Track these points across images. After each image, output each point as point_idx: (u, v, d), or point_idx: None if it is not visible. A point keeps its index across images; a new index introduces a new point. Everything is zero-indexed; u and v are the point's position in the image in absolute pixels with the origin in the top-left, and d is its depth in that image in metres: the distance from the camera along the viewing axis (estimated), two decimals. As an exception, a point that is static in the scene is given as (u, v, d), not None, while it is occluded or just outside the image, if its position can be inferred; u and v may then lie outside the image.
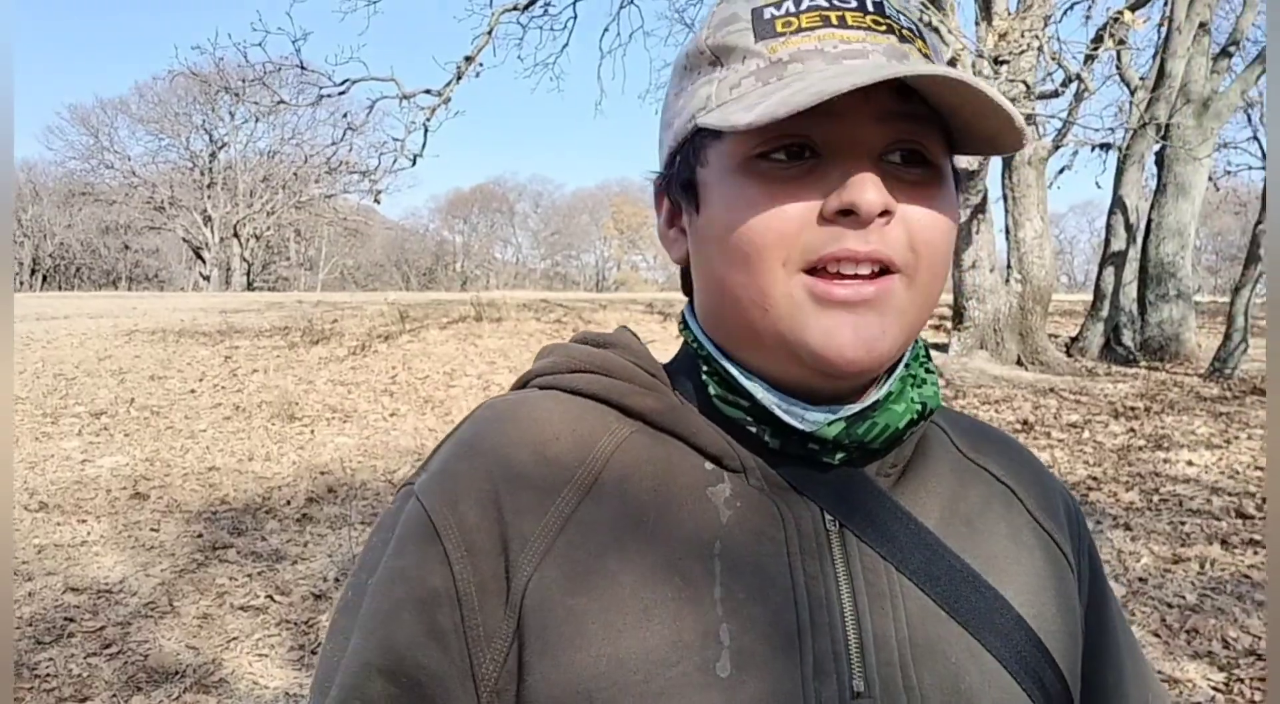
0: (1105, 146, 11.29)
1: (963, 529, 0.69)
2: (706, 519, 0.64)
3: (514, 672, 0.60)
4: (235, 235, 39.18)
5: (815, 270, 0.61)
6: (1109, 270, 11.03)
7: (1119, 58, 12.12)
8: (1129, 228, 11.01)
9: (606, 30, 11.80)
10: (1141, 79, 11.88)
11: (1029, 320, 10.13)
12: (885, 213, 0.60)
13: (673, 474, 0.66)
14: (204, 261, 39.40)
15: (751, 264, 0.62)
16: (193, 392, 8.72)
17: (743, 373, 0.67)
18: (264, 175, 39.63)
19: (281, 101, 12.23)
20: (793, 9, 0.64)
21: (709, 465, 0.67)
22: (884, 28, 0.63)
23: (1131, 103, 11.36)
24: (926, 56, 0.64)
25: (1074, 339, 11.29)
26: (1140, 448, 6.70)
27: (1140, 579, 4.24)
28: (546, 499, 0.63)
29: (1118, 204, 11.08)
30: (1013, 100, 8.77)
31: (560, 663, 0.59)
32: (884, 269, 0.62)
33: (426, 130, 10.40)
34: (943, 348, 10.37)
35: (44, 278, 39.63)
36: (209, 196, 39.02)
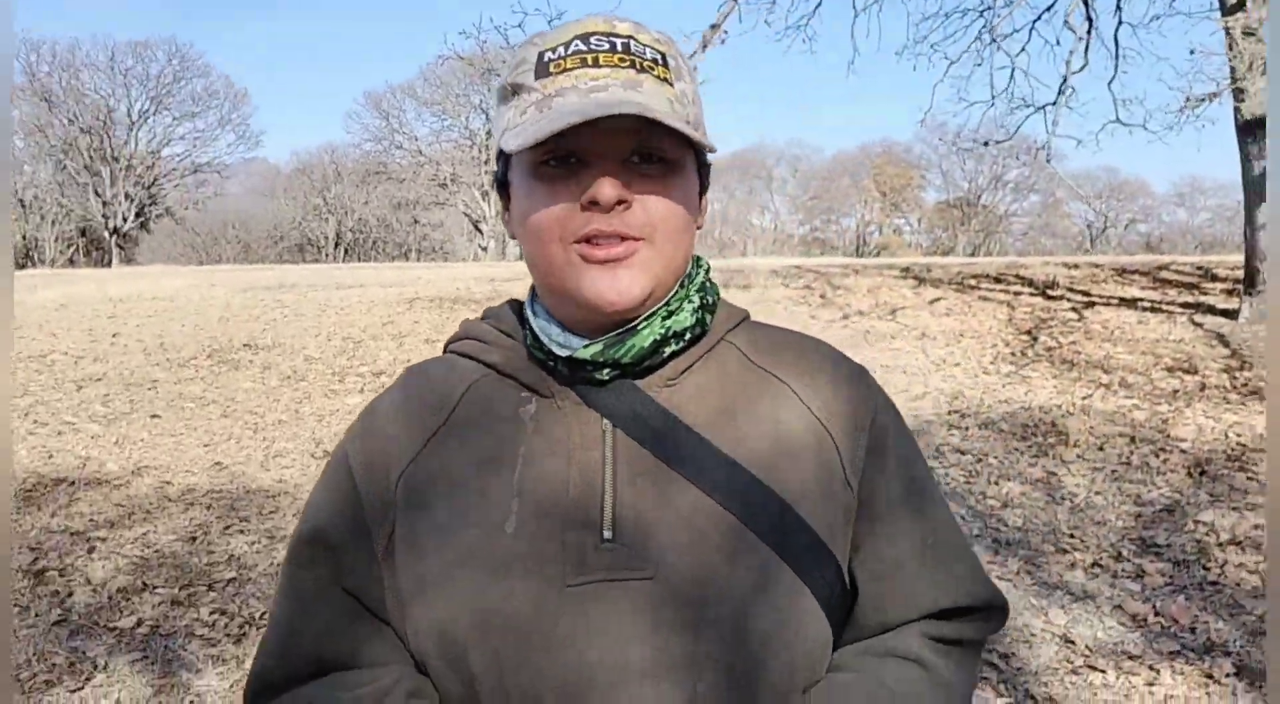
0: None
1: (724, 420, 0.92)
2: (518, 431, 0.91)
3: (394, 543, 0.90)
4: (509, 208, 41.32)
5: (583, 242, 0.85)
6: None
7: None
8: None
9: (861, -14, 11.33)
10: None
11: (1336, 283, 9.00)
12: (622, 201, 0.84)
13: (502, 404, 0.94)
14: (482, 233, 41.99)
15: (540, 240, 0.87)
16: (460, 354, 9.37)
17: (539, 321, 0.93)
18: (534, 150, 41.43)
19: (541, 79, 12.75)
20: (563, 53, 0.87)
21: (524, 394, 0.94)
22: (627, 63, 0.86)
23: None
24: (665, 79, 0.88)
25: (1397, 304, 9.92)
26: None
27: None
28: (420, 426, 0.94)
29: None
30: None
31: (412, 532, 0.90)
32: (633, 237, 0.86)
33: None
34: (1233, 314, 9.43)
35: (345, 250, 43.63)
36: (486, 172, 41.41)
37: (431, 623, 0.86)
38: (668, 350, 0.92)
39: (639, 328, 0.90)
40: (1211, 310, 9.77)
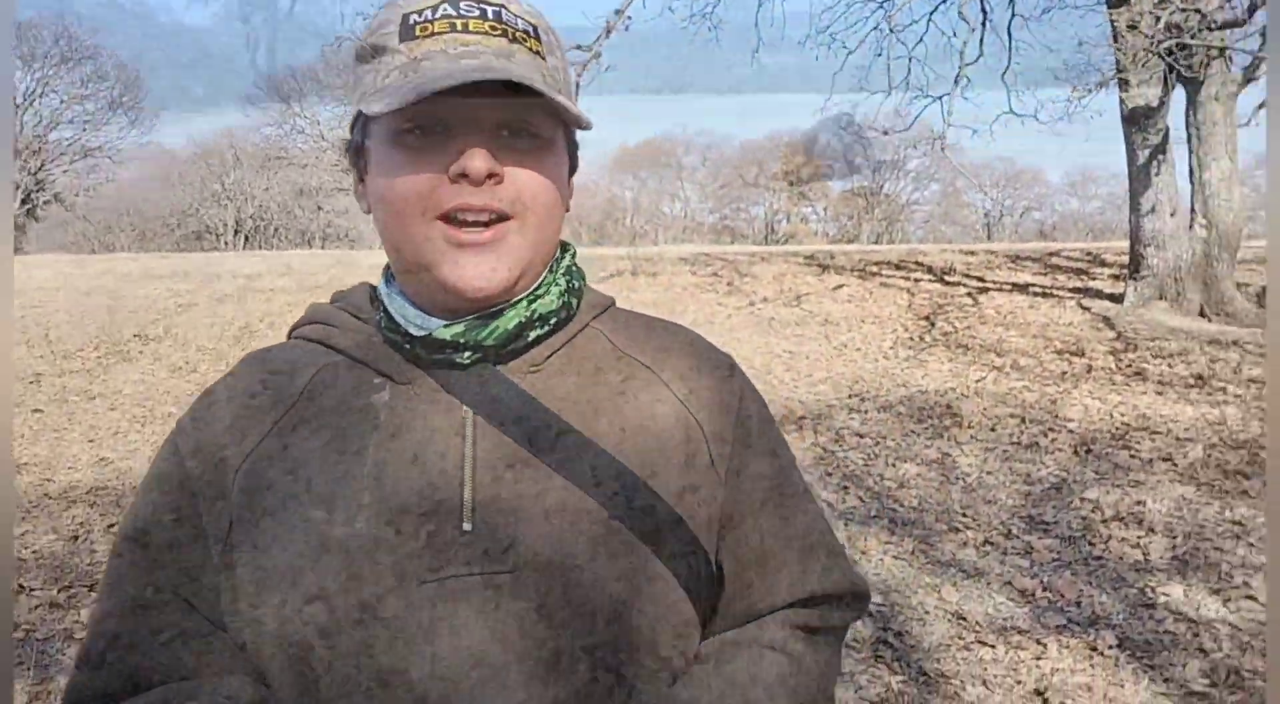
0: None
1: (589, 408, 0.88)
2: (369, 420, 0.86)
3: (232, 539, 0.83)
4: (415, 195, 40.71)
5: (449, 218, 0.81)
6: (1312, 213, 10.08)
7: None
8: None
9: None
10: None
11: (1214, 268, 9.41)
12: (492, 175, 0.80)
13: (352, 391, 0.88)
14: (387, 221, 41.23)
15: (399, 214, 0.82)
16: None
17: (395, 302, 0.88)
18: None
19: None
20: (430, 16, 0.82)
21: (377, 380, 0.88)
22: (499, 32, 0.82)
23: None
24: (537, 53, 0.84)
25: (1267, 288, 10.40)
26: (1330, 405, 6.16)
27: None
28: (262, 414, 0.87)
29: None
30: (1187, 30, 8.11)
31: (253, 528, 0.82)
32: (501, 217, 0.82)
33: (578, 86, 10.49)
34: (1118, 298, 9.79)
35: (245, 238, 42.43)
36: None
37: (273, 623, 0.80)
38: (532, 334, 0.88)
39: (503, 310, 0.86)
40: (1099, 294, 10.13)
